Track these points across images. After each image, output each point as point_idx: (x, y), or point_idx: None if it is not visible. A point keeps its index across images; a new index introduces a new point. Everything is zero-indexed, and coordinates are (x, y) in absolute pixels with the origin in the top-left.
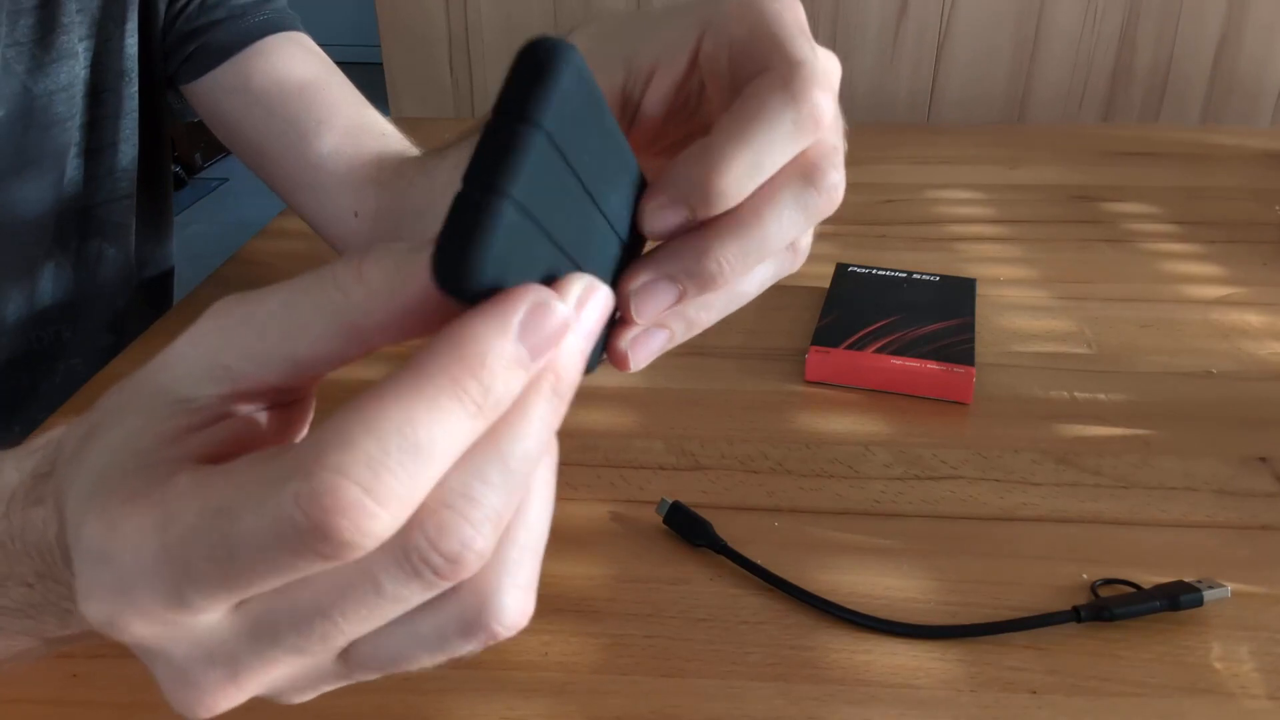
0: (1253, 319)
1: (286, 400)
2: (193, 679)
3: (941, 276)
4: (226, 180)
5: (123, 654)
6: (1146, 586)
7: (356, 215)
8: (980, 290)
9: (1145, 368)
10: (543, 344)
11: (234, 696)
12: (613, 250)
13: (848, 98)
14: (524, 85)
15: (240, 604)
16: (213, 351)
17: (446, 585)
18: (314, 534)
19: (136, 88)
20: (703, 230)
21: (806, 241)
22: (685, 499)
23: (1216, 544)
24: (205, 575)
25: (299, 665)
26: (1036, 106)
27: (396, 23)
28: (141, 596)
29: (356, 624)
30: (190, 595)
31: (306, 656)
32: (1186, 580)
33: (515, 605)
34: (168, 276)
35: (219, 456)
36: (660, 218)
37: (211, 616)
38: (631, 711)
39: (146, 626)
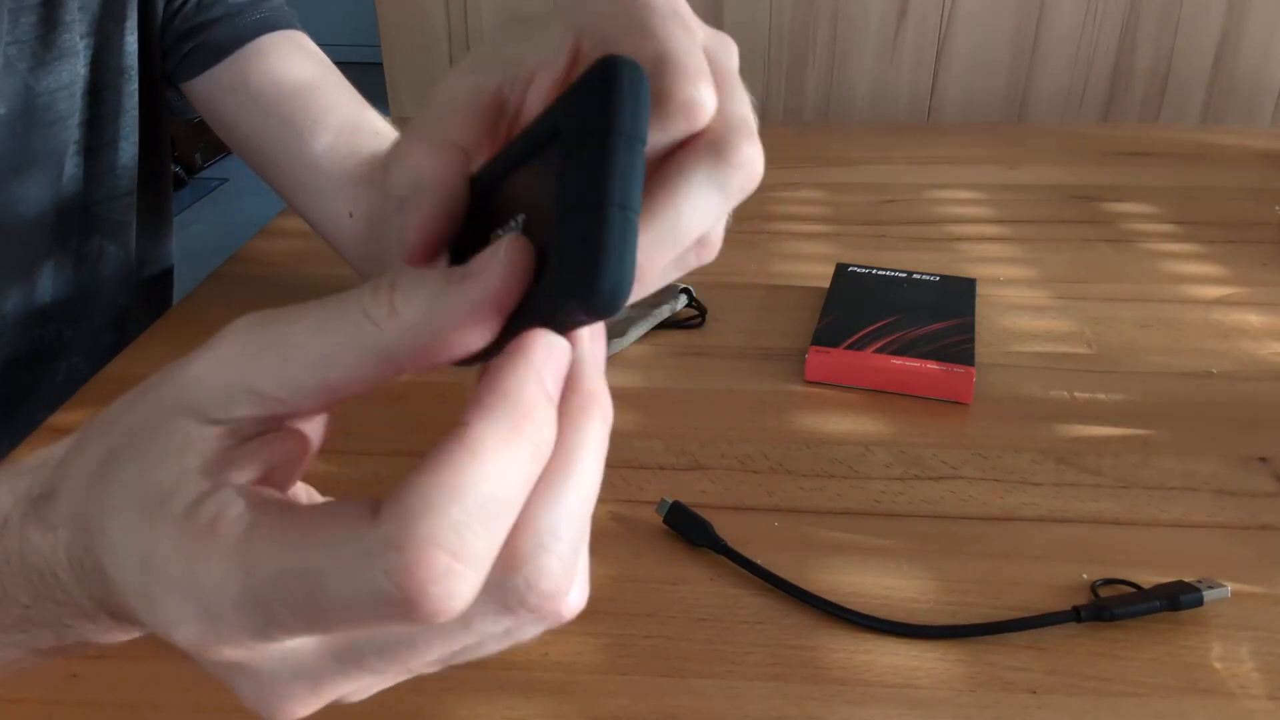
0: (1253, 319)
1: (313, 417)
2: (278, 690)
3: (941, 276)
4: (226, 180)
5: (123, 654)
6: (1146, 586)
7: (351, 216)
8: (980, 290)
9: (1145, 368)
10: (558, 382)
11: (313, 705)
12: None
13: (848, 98)
14: (628, 103)
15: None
16: (240, 375)
17: (538, 616)
18: (407, 604)
19: (136, 85)
20: None
21: (719, 233)
22: (685, 499)
23: (1216, 544)
24: (290, 623)
25: (377, 680)
26: (1036, 106)
27: (396, 23)
28: (228, 629)
29: (441, 650)
30: (275, 634)
31: (386, 676)
32: (1186, 580)
33: (581, 594)
34: (168, 275)
35: (261, 479)
36: None
37: (297, 643)
38: (631, 711)
39: (235, 651)
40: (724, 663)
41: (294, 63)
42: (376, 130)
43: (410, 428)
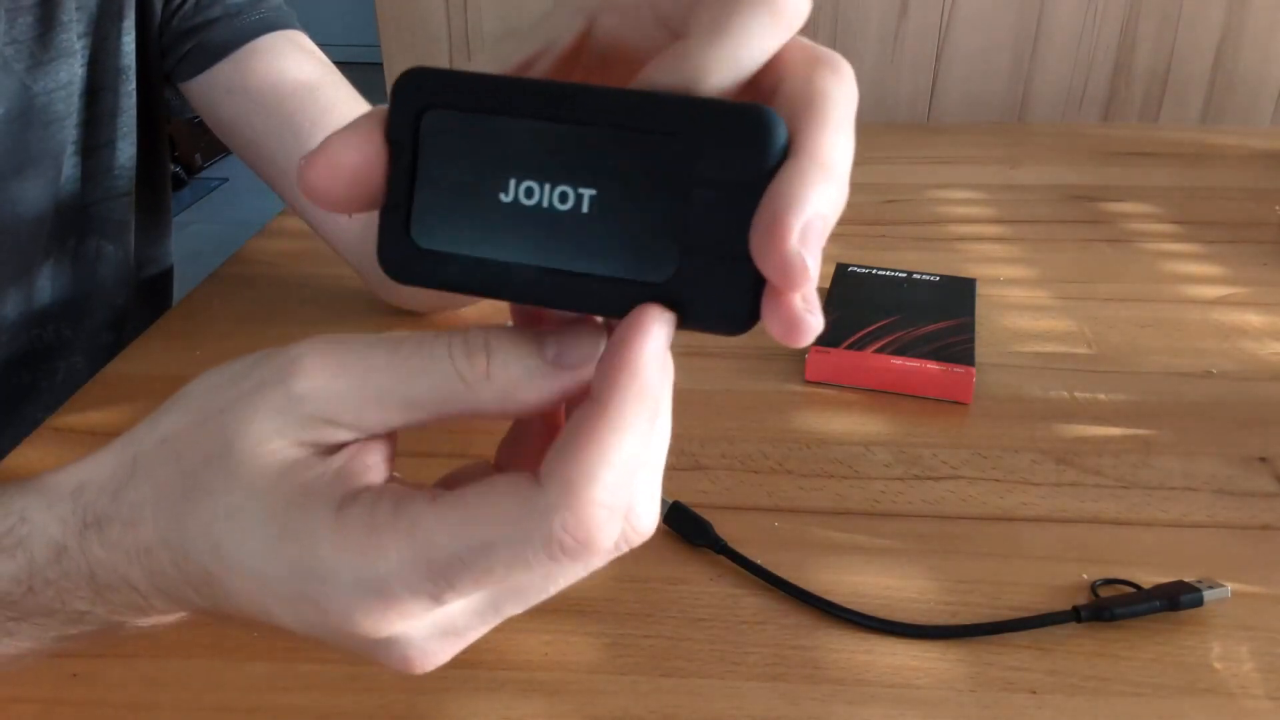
0: (1253, 319)
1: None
2: (428, 649)
3: (941, 276)
4: (226, 180)
5: (123, 654)
6: (1146, 586)
7: (350, 216)
8: (980, 290)
9: (1145, 368)
10: (667, 349)
11: (451, 653)
12: None
13: None
14: (767, 160)
15: None
16: (324, 409)
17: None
18: (579, 550)
19: (135, 85)
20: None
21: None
22: (685, 499)
23: (1216, 544)
24: (466, 586)
25: (499, 621)
26: (1036, 106)
27: (396, 23)
28: (408, 606)
29: (562, 586)
30: (448, 598)
31: (508, 616)
32: (1186, 580)
33: (654, 516)
34: (167, 275)
35: (354, 491)
36: None
37: (450, 606)
38: (631, 711)
39: (402, 622)
40: (724, 663)
41: (293, 63)
42: None
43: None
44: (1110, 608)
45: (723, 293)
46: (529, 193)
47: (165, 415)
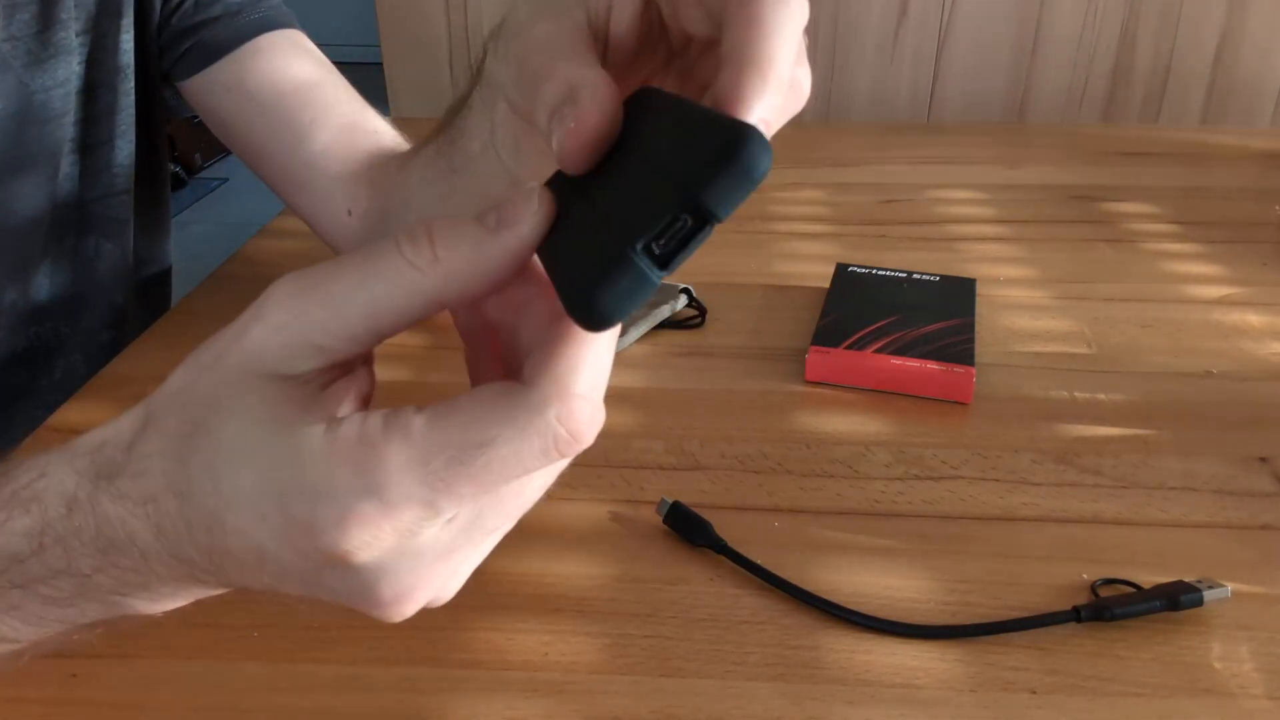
0: (1253, 319)
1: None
2: (419, 578)
3: (941, 276)
4: (226, 180)
5: (123, 654)
6: (1146, 586)
7: (350, 214)
8: (980, 290)
9: (1145, 368)
10: None
11: (436, 584)
12: None
13: (848, 98)
14: (736, 186)
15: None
16: (299, 333)
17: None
18: (570, 441)
19: (133, 84)
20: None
21: (802, 77)
22: (685, 499)
23: (1216, 544)
24: (462, 489)
25: (483, 549)
26: (1036, 106)
27: (396, 23)
28: (400, 511)
29: (537, 493)
30: (442, 505)
31: (492, 537)
32: (1186, 580)
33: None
34: (166, 275)
35: (341, 415)
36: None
37: (440, 523)
38: (631, 711)
39: (395, 538)
40: (724, 663)
41: (292, 62)
42: (375, 129)
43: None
44: (1110, 608)
45: (599, 276)
46: None
47: (176, 372)
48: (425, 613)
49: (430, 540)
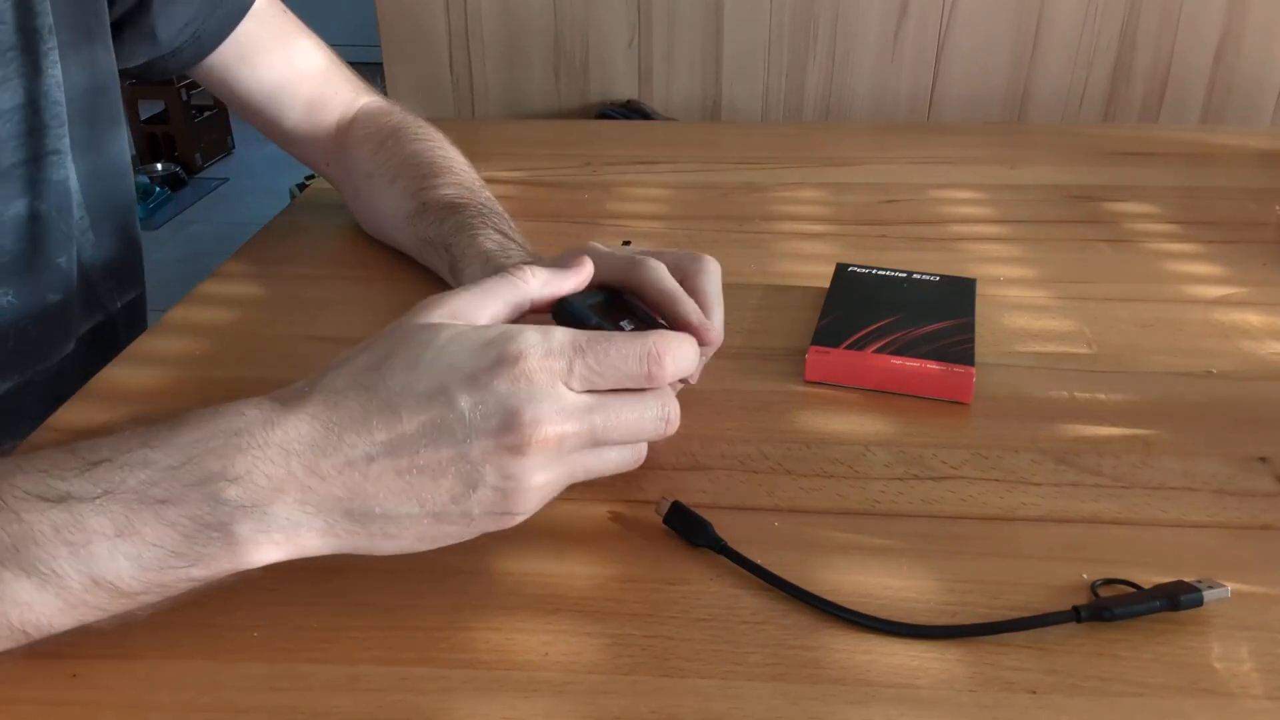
0: (1253, 319)
1: None
2: (550, 414)
3: (941, 276)
4: (226, 180)
5: (123, 654)
6: (1146, 586)
7: (328, 165)
8: (980, 290)
9: (1145, 368)
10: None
11: (561, 433)
12: None
13: (848, 97)
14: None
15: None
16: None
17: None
18: (656, 358)
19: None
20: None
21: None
22: (685, 499)
23: (1216, 544)
24: (591, 365)
25: (592, 461)
26: (1036, 106)
27: (396, 23)
28: (558, 359)
29: (636, 434)
30: (579, 370)
31: (600, 458)
32: (1186, 580)
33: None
34: (139, 300)
35: None
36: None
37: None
38: (631, 711)
39: (547, 380)
40: (724, 663)
41: (260, 66)
42: (335, 92)
43: None
44: (1110, 608)
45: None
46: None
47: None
48: (425, 613)
49: (570, 400)
